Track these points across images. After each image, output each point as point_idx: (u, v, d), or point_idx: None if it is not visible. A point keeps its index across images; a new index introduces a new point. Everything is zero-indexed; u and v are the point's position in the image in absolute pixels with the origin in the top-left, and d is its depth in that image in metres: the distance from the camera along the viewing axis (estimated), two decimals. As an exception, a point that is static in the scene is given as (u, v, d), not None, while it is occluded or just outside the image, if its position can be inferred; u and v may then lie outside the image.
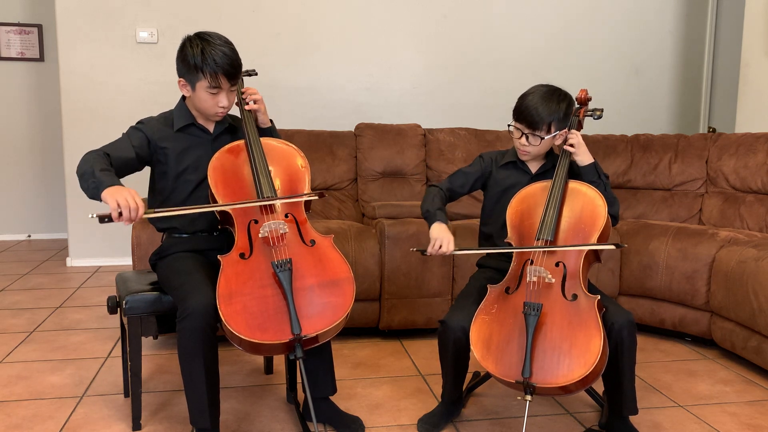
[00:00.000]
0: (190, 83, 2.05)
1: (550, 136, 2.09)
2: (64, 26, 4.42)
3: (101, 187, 1.82)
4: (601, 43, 5.07)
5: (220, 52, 1.99)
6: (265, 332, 1.82)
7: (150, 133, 2.10)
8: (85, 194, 1.88)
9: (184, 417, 2.20)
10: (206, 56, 1.97)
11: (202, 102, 2.06)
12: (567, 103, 2.11)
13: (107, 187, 1.82)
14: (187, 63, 2.01)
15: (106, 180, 1.84)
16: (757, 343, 2.62)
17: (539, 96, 2.08)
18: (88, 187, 1.86)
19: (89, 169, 1.88)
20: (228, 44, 2.03)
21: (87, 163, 1.91)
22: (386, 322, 3.02)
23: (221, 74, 1.99)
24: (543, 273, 1.92)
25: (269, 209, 2.01)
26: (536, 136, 2.09)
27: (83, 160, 1.94)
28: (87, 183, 1.86)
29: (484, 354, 1.86)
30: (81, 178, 1.89)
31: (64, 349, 2.90)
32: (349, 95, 4.78)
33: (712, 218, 3.43)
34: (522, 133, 2.11)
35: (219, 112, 2.08)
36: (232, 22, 4.57)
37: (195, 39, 2.02)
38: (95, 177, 1.85)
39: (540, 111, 2.05)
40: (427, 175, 3.77)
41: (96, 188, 1.83)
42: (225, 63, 1.99)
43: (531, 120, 2.07)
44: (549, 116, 2.06)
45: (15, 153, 5.50)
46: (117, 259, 4.64)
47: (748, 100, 4.25)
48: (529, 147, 2.12)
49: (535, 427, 2.21)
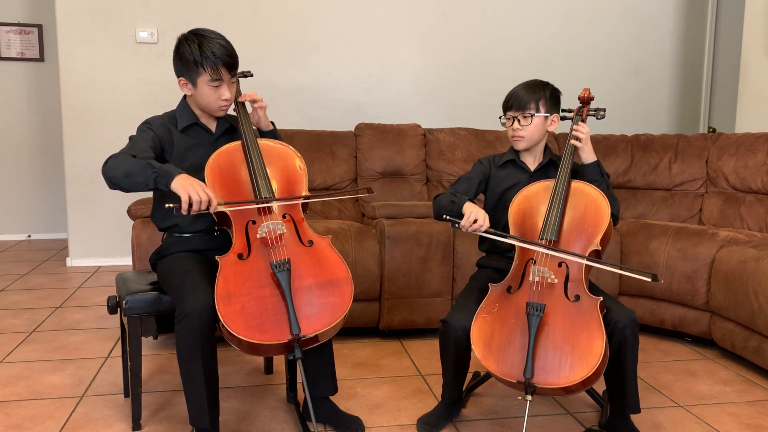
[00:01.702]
0: (191, 80, 2.05)
1: (541, 115, 2.12)
2: (64, 26, 4.42)
3: (170, 176, 1.83)
4: (601, 43, 5.07)
5: (216, 44, 2.02)
6: (263, 333, 1.81)
7: (158, 132, 2.10)
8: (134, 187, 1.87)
9: (184, 417, 2.20)
10: (204, 50, 2.00)
11: (204, 97, 2.07)
12: (551, 87, 2.17)
13: (177, 175, 1.83)
14: (185, 60, 2.03)
15: (173, 170, 1.85)
16: (757, 343, 2.62)
17: (522, 84, 2.18)
18: (147, 178, 1.85)
19: (137, 163, 1.88)
20: (222, 37, 2.06)
21: (127, 162, 1.90)
22: (386, 322, 3.02)
23: (221, 66, 2.02)
24: (546, 273, 1.92)
25: (267, 210, 2.01)
26: (527, 116, 2.12)
27: (117, 160, 1.91)
28: (143, 175, 1.86)
29: (485, 353, 1.85)
30: (128, 175, 1.87)
31: (64, 349, 2.90)
32: (349, 95, 4.78)
33: (712, 218, 3.43)
34: (513, 119, 2.14)
35: (222, 105, 2.10)
36: (232, 22, 4.57)
37: (190, 36, 2.04)
38: (155, 167, 1.86)
39: (524, 93, 2.14)
40: (427, 175, 3.77)
41: (163, 177, 1.84)
42: (223, 54, 2.02)
43: (517, 102, 2.13)
44: (535, 97, 2.13)
45: (15, 153, 5.50)
46: (117, 259, 4.64)
47: (748, 100, 4.25)
48: (523, 131, 2.14)
49: (535, 427, 2.21)
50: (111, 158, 1.94)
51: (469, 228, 1.96)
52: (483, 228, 1.96)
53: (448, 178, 3.74)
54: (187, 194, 1.80)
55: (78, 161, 4.52)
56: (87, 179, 4.54)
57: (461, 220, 1.97)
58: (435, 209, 2.15)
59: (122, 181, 1.89)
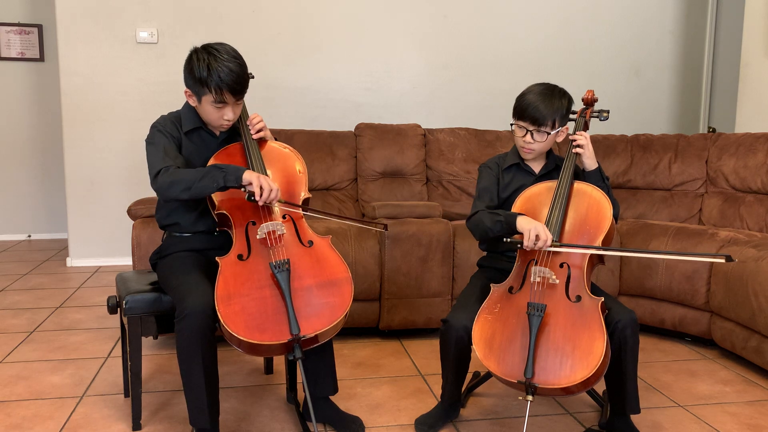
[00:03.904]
0: (196, 95, 2.04)
1: (555, 131, 2.09)
2: (64, 26, 4.42)
3: (239, 171, 1.90)
4: (601, 43, 5.07)
5: (225, 68, 1.96)
6: (263, 333, 1.82)
7: (173, 134, 2.09)
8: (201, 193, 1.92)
9: (184, 417, 2.20)
10: (212, 72, 1.95)
11: (207, 114, 2.06)
12: (567, 99, 2.11)
13: (245, 169, 1.91)
14: (193, 76, 1.99)
15: (241, 168, 1.92)
16: (757, 343, 2.62)
17: (539, 93, 2.08)
18: (215, 180, 1.89)
19: (195, 173, 1.92)
20: (236, 59, 2.00)
21: (184, 174, 1.93)
22: (386, 322, 3.02)
23: (226, 91, 1.98)
24: (547, 274, 1.91)
25: (267, 211, 2.01)
26: (542, 132, 2.08)
27: (173, 173, 1.94)
28: (211, 179, 1.89)
29: (486, 353, 1.85)
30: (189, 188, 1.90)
31: (64, 349, 2.90)
32: (349, 95, 4.78)
33: (712, 218, 3.43)
34: (526, 131, 2.10)
35: (224, 125, 2.09)
36: (232, 22, 4.57)
37: (202, 52, 1.99)
38: (221, 168, 1.91)
39: (543, 107, 2.05)
40: (427, 175, 3.77)
41: (233, 173, 1.89)
42: (230, 80, 1.96)
43: (535, 116, 2.06)
44: (553, 112, 2.06)
45: (15, 153, 5.50)
46: (117, 259, 4.64)
47: (748, 100, 4.25)
48: (534, 144, 2.11)
49: (536, 427, 2.21)
50: (160, 175, 1.94)
51: (534, 247, 1.91)
52: (549, 242, 1.90)
53: (448, 178, 3.74)
54: (258, 181, 1.87)
55: (78, 161, 4.52)
56: (87, 179, 4.54)
57: (522, 241, 1.91)
58: (478, 232, 2.10)
59: (184, 194, 1.91)
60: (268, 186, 1.89)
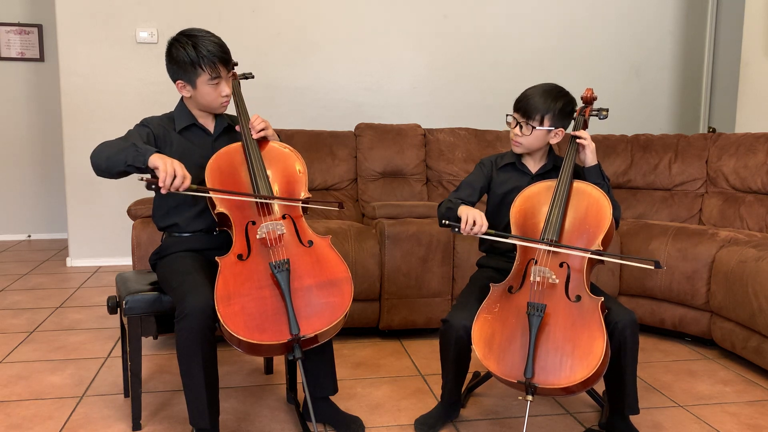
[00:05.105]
0: (190, 82, 2.06)
1: (543, 128, 2.09)
2: (64, 26, 4.42)
3: (148, 153, 1.86)
4: (601, 44, 5.07)
5: (209, 42, 2.04)
6: (263, 333, 1.81)
7: (155, 130, 2.11)
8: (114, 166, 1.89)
9: (184, 417, 2.20)
10: (200, 50, 2.02)
11: (205, 96, 2.08)
12: (565, 101, 2.10)
13: (155, 153, 1.86)
14: (181, 63, 2.04)
15: (151, 149, 1.89)
16: (757, 343, 2.62)
17: (540, 89, 2.11)
18: (128, 156, 1.87)
19: (122, 144, 1.91)
20: (211, 34, 2.08)
21: (114, 145, 1.93)
22: (386, 322, 3.02)
23: (219, 63, 2.04)
24: (547, 273, 1.91)
25: (267, 211, 2.01)
26: (529, 125, 2.09)
27: (106, 145, 1.95)
28: (125, 154, 1.88)
29: (486, 353, 1.85)
30: (115, 154, 1.89)
31: (64, 349, 2.90)
32: (349, 95, 4.78)
33: (712, 218, 3.43)
34: (516, 123, 2.12)
35: (224, 102, 2.12)
36: (232, 22, 4.57)
37: (182, 38, 2.06)
38: (138, 148, 1.88)
39: (536, 101, 2.08)
40: (427, 175, 3.77)
41: (143, 155, 1.86)
42: (219, 51, 2.04)
43: (525, 108, 2.09)
44: (544, 108, 2.07)
45: (15, 153, 5.50)
46: (117, 259, 4.64)
47: (748, 100, 4.25)
48: (521, 137, 2.12)
49: (535, 427, 2.21)
50: (103, 144, 1.97)
51: (470, 231, 1.95)
52: (483, 230, 1.95)
53: (448, 178, 3.74)
54: (165, 166, 1.81)
55: (78, 161, 4.52)
56: (87, 179, 4.53)
57: (460, 225, 1.96)
58: (438, 217, 2.15)
59: (104, 162, 1.91)
60: (181, 173, 1.82)
